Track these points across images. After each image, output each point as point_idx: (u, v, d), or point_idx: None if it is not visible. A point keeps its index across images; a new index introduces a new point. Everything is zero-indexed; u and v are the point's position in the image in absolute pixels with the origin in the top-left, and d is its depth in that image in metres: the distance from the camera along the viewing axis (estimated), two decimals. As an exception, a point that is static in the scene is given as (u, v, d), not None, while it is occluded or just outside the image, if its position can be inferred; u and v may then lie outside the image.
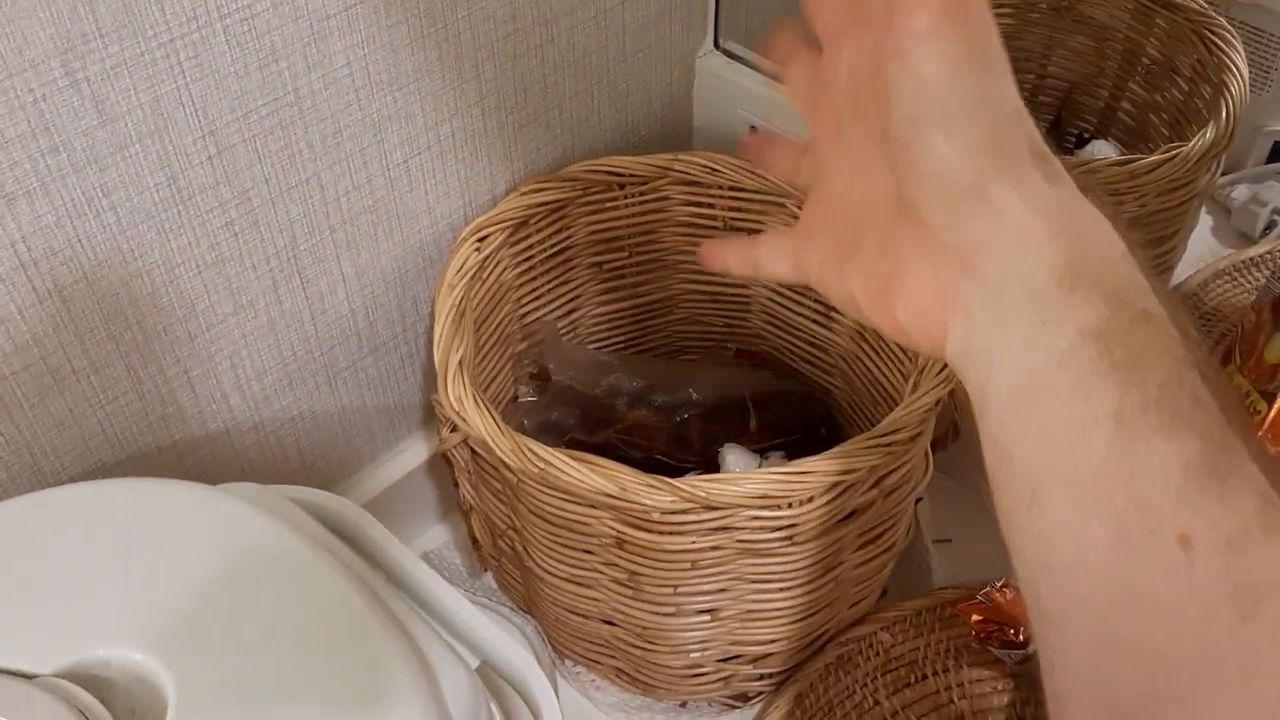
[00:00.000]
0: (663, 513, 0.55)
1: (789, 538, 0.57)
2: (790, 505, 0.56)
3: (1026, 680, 0.68)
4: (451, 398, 0.58)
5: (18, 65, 0.45)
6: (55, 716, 0.39)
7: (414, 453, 0.75)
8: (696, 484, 0.53)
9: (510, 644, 0.51)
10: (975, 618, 0.58)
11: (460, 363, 0.59)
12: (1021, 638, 0.57)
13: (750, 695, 0.69)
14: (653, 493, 0.53)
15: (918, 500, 0.76)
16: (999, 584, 0.58)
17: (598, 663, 0.69)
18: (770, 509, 0.55)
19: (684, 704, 0.69)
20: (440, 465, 0.75)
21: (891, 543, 0.64)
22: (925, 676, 0.69)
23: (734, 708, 0.69)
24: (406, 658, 0.43)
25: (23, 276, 0.50)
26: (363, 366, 0.68)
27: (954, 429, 0.67)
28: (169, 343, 0.57)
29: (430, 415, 0.75)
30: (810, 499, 0.56)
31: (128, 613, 0.43)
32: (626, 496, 0.53)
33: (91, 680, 0.41)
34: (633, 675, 0.68)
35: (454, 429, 0.61)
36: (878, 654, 0.69)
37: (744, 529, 0.56)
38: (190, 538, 0.46)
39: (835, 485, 0.56)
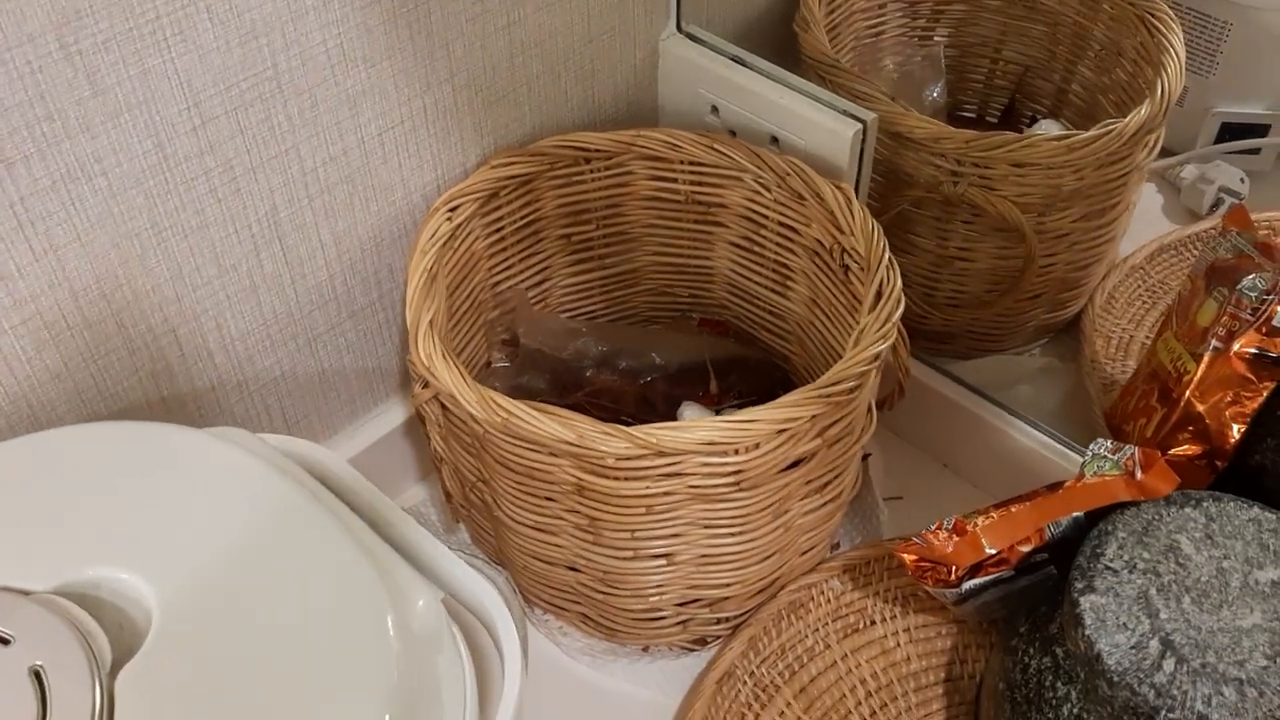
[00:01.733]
0: (618, 459, 0.59)
1: (737, 484, 0.61)
2: (737, 451, 0.60)
3: (967, 625, 0.72)
4: (422, 354, 0.61)
5: (16, 38, 0.49)
6: (49, 626, 0.43)
7: (392, 415, 0.79)
8: (649, 431, 0.57)
9: (473, 576, 0.54)
10: (911, 558, 0.62)
11: (431, 322, 0.63)
12: (955, 577, 0.61)
13: (708, 639, 0.73)
14: (608, 439, 0.57)
15: (866, 455, 0.81)
16: (933, 526, 0.62)
17: (564, 609, 0.73)
18: (718, 455, 0.59)
19: (646, 648, 0.73)
20: (417, 427, 0.79)
21: (838, 492, 0.68)
22: (873, 622, 0.73)
23: (693, 651, 0.73)
24: (372, 582, 0.47)
25: (20, 237, 0.54)
26: (341, 331, 0.72)
27: (900, 389, 0.71)
28: (157, 302, 0.61)
29: (407, 379, 0.79)
30: (757, 445, 0.60)
31: (117, 538, 0.47)
32: (584, 443, 0.57)
33: (83, 597, 0.45)
34: (597, 620, 0.72)
35: (425, 385, 0.65)
36: (828, 600, 0.74)
37: (695, 474, 0.60)
38: (178, 474, 0.50)
39: (780, 433, 0.60)
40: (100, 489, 0.49)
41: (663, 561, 0.65)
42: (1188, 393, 0.70)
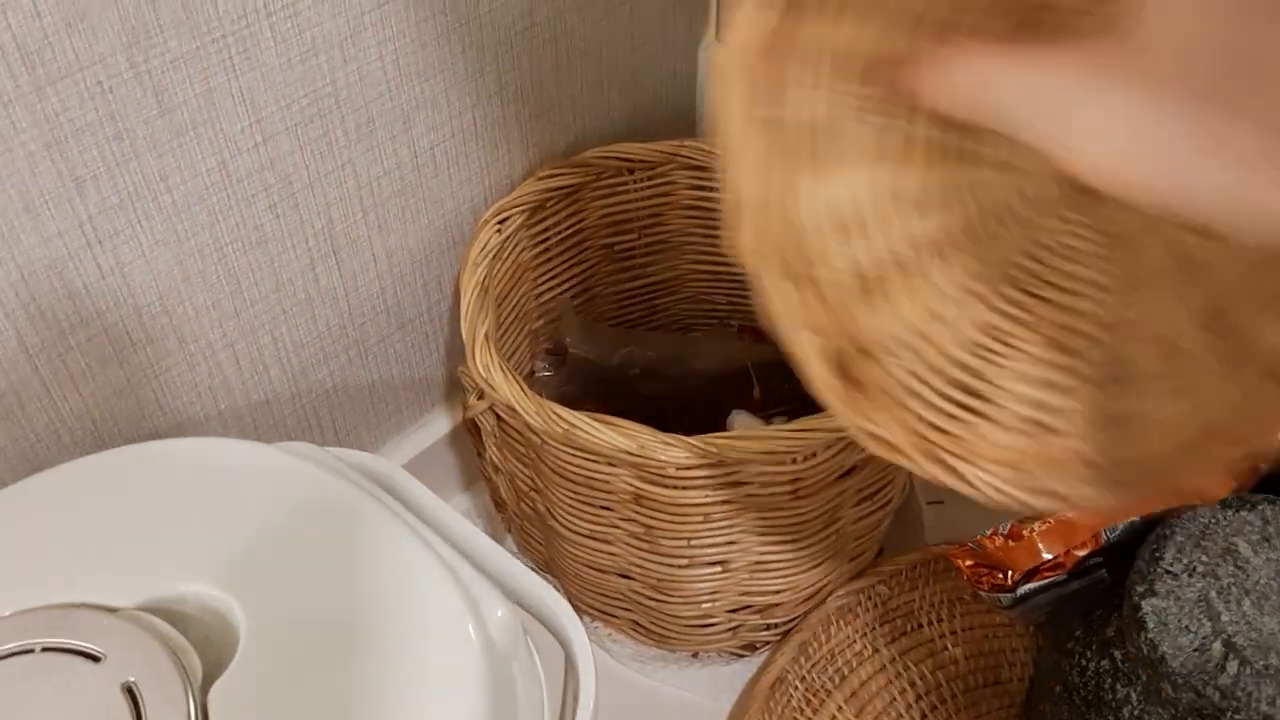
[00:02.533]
0: (678, 468, 0.59)
1: (794, 491, 0.62)
2: (795, 460, 0.60)
3: (1014, 627, 0.73)
4: (479, 366, 0.62)
5: (88, 58, 0.50)
6: (138, 643, 0.44)
7: (437, 425, 0.79)
8: (710, 440, 0.58)
9: (543, 585, 0.55)
10: (966, 563, 0.62)
11: (486, 335, 0.63)
12: (1010, 581, 0.62)
13: (757, 645, 0.74)
14: (669, 449, 0.58)
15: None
16: (989, 532, 0.63)
17: (614, 616, 0.73)
18: (777, 464, 0.60)
19: (695, 654, 0.74)
20: (462, 438, 0.79)
21: (888, 499, 0.69)
22: (920, 625, 0.74)
23: (742, 657, 0.74)
24: (453, 593, 0.47)
25: (89, 255, 0.54)
26: (391, 342, 0.72)
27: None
28: (217, 317, 0.61)
29: (452, 389, 0.79)
30: (814, 454, 0.60)
31: (201, 553, 0.48)
32: (645, 453, 0.58)
33: (169, 613, 0.46)
34: (647, 628, 0.72)
35: (480, 396, 0.66)
36: (876, 605, 0.74)
37: (753, 483, 0.61)
38: (255, 487, 0.50)
39: (836, 442, 0.61)
40: (179, 505, 0.49)
41: (717, 569, 0.66)
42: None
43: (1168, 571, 0.57)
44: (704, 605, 0.69)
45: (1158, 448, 0.36)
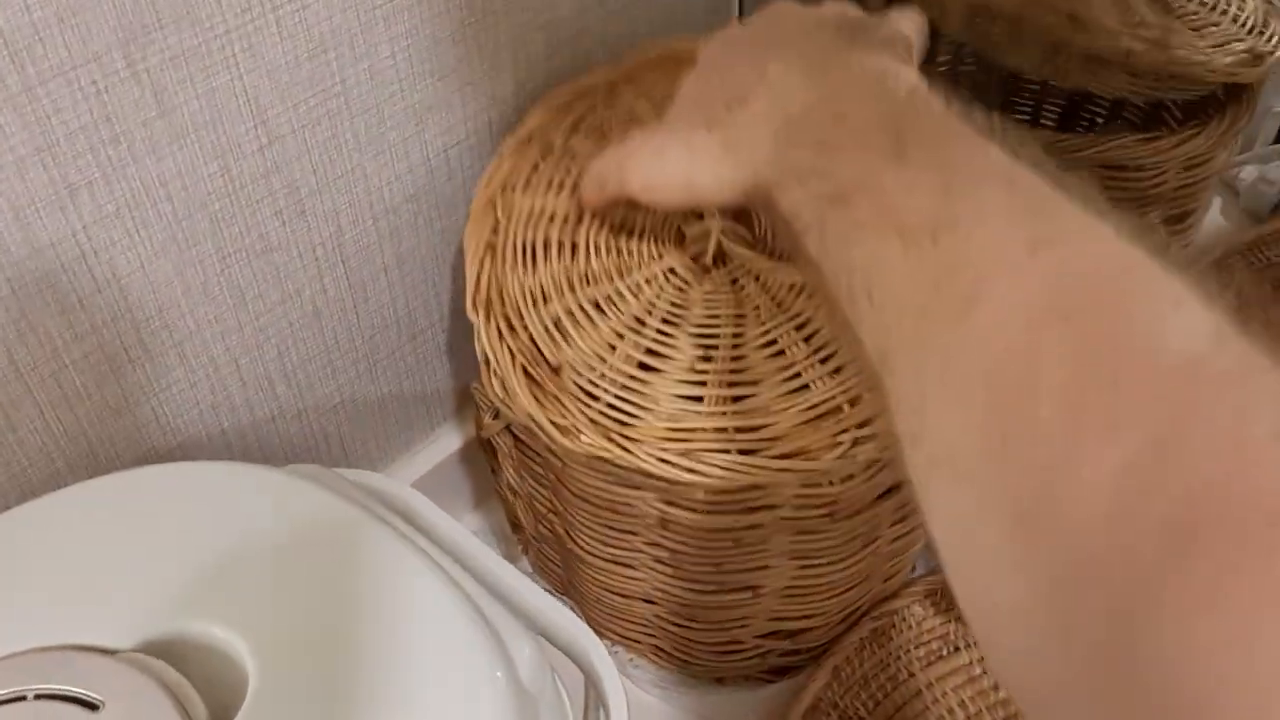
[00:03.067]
0: (708, 492, 0.56)
1: (830, 514, 0.59)
2: (832, 483, 0.57)
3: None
4: (496, 384, 0.58)
5: (82, 56, 0.46)
6: (139, 688, 0.40)
7: (447, 441, 0.76)
8: (743, 464, 0.54)
9: (568, 615, 0.52)
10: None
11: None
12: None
13: (786, 670, 0.70)
14: (697, 472, 0.54)
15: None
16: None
17: (636, 641, 0.70)
18: (813, 486, 0.57)
19: (721, 680, 0.71)
20: (473, 454, 0.76)
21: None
22: (957, 649, 0.70)
23: (770, 683, 0.70)
24: (478, 631, 0.44)
25: (83, 266, 0.51)
26: (401, 355, 0.69)
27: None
28: (219, 331, 0.58)
29: (462, 404, 0.76)
30: (851, 476, 0.57)
31: (206, 589, 0.44)
32: (672, 476, 0.55)
33: (171, 654, 0.42)
34: (671, 653, 0.69)
35: (496, 415, 0.62)
36: (910, 627, 0.71)
37: (786, 506, 0.57)
38: (262, 516, 0.47)
39: (874, 463, 0.57)
40: (181, 535, 0.46)
41: (747, 594, 0.63)
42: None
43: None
44: (732, 631, 0.65)
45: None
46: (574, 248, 0.59)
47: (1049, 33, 0.70)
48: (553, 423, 0.55)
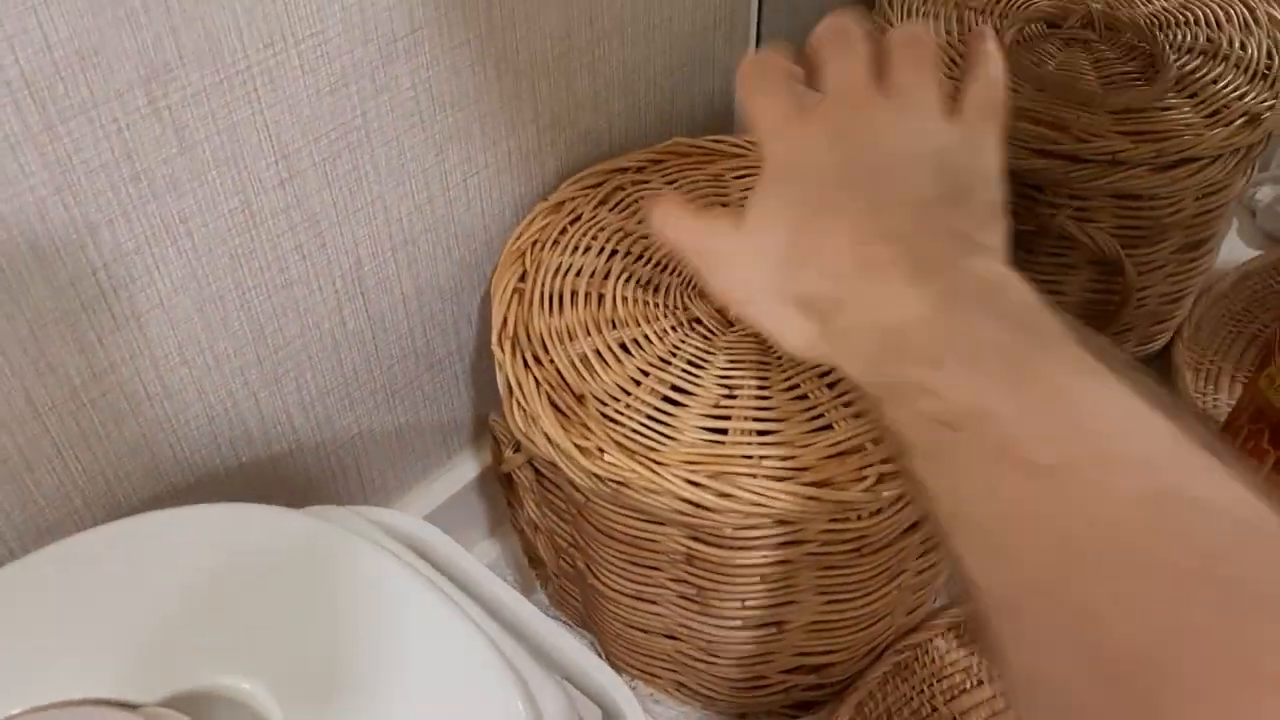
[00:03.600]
0: (735, 528, 0.55)
1: (858, 549, 0.58)
2: (860, 517, 0.56)
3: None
4: (518, 418, 0.58)
5: (104, 94, 0.45)
6: (164, 745, 0.39)
7: (463, 470, 0.75)
8: (770, 498, 0.54)
9: (592, 658, 0.51)
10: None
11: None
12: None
13: (810, 705, 0.69)
14: (724, 509, 0.54)
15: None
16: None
17: (657, 676, 0.69)
18: (840, 521, 0.56)
19: (743, 716, 0.70)
20: (489, 483, 0.75)
21: (951, 551, 0.65)
22: (980, 683, 0.70)
23: (794, 718, 0.69)
24: (507, 678, 0.43)
25: (102, 304, 0.50)
26: (419, 384, 0.68)
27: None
28: (238, 366, 0.57)
29: (479, 431, 0.75)
30: (879, 510, 0.56)
31: (228, 640, 0.43)
32: (699, 513, 0.54)
33: (195, 708, 0.41)
34: (693, 689, 0.68)
35: (517, 449, 0.61)
36: (933, 660, 0.70)
37: (814, 541, 0.56)
38: (284, 561, 0.46)
39: (902, 498, 0.56)
40: (202, 583, 0.45)
41: (772, 630, 0.62)
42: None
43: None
44: (756, 667, 0.64)
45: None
46: (600, 297, 0.60)
47: (1036, 140, 0.70)
48: (576, 445, 0.55)
